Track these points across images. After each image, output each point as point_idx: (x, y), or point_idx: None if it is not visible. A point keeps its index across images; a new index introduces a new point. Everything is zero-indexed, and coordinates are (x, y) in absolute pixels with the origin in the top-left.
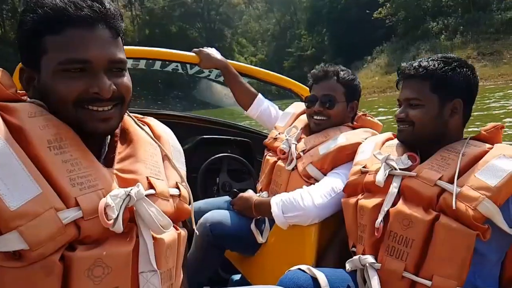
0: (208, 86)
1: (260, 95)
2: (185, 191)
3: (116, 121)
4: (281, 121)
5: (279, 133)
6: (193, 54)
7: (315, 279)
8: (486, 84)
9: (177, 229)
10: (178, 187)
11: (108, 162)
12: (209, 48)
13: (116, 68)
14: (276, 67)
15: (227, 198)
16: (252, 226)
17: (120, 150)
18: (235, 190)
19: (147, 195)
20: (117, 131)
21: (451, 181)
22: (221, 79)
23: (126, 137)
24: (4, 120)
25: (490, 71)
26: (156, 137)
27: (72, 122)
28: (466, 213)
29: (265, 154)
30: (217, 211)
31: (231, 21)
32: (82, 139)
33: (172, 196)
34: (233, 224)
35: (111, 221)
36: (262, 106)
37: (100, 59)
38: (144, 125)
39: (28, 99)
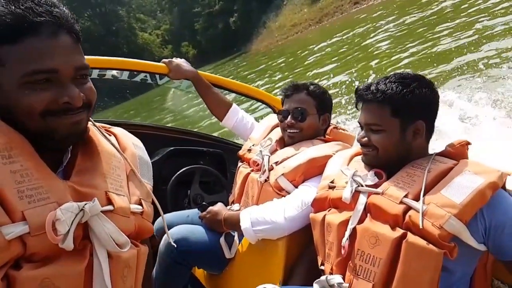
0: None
1: (234, 105)
2: (148, 208)
3: (85, 124)
4: (255, 132)
5: (253, 145)
6: (162, 64)
7: None
8: None
9: (137, 246)
10: (141, 204)
11: (67, 174)
12: (179, 59)
13: (80, 75)
14: (188, 33)
15: (197, 210)
16: (222, 240)
17: (80, 161)
18: (205, 203)
19: (104, 211)
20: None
21: (416, 199)
22: (192, 89)
23: (88, 148)
24: None
25: None
26: (122, 149)
27: (40, 132)
28: (432, 232)
29: (239, 165)
30: (183, 226)
31: None
32: (43, 150)
33: (133, 213)
34: (199, 240)
35: (60, 237)
36: (237, 116)
37: (67, 68)
38: (110, 135)
39: None
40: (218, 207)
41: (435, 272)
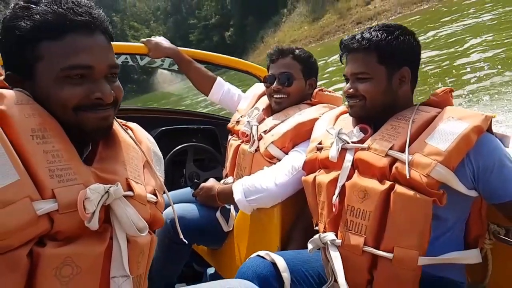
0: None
1: (219, 78)
2: (161, 199)
3: (112, 120)
4: (243, 103)
5: (241, 116)
6: (141, 44)
7: (275, 264)
8: None
9: (150, 233)
10: (155, 194)
11: (88, 162)
12: (157, 37)
13: (111, 74)
14: (181, 44)
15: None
16: (218, 214)
17: (102, 150)
18: (196, 181)
19: (125, 196)
20: None
21: (402, 150)
22: (175, 67)
23: (109, 139)
24: None
25: None
26: (138, 142)
27: (71, 125)
28: (420, 181)
29: (229, 138)
30: (178, 205)
31: (116, 4)
32: (71, 138)
33: (149, 202)
34: (196, 217)
35: (89, 215)
36: (223, 89)
37: (101, 65)
38: (127, 129)
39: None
40: (211, 182)
41: (426, 221)
